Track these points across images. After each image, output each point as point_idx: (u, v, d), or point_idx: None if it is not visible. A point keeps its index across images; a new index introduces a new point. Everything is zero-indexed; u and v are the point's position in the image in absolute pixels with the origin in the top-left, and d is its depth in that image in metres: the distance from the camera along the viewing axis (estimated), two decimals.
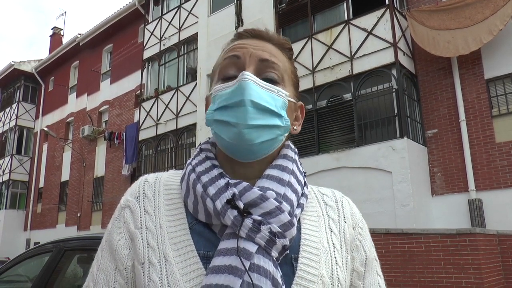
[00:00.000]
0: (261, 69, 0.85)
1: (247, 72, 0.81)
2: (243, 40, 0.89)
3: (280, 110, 0.82)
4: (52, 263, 3.12)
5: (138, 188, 0.88)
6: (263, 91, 0.81)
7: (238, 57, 0.85)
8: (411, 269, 7.00)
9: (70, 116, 23.74)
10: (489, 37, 9.69)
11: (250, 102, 0.78)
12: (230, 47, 0.89)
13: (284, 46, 0.92)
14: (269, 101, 0.81)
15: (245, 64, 0.84)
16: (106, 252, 0.85)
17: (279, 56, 0.88)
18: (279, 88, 0.84)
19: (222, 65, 0.88)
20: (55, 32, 29.33)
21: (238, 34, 0.92)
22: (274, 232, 0.75)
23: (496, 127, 9.87)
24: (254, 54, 0.85)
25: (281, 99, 0.83)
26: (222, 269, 0.72)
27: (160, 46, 16.98)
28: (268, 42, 0.89)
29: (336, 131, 10.85)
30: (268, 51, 0.87)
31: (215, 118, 0.82)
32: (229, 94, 0.81)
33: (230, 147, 0.82)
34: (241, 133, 0.78)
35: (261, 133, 0.80)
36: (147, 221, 0.83)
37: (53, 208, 23.09)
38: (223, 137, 0.81)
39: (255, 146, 0.80)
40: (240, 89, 0.79)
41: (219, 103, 0.82)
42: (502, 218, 9.20)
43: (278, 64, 0.86)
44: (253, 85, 0.80)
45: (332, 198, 0.95)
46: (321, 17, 12.24)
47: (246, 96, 0.78)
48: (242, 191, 0.78)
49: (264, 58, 0.85)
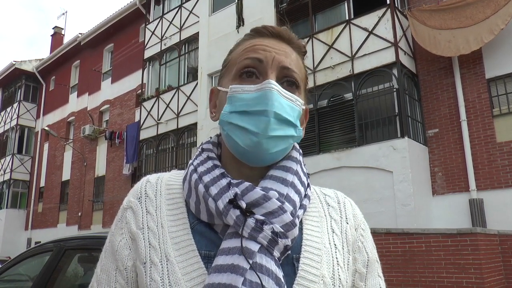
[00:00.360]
0: (282, 75, 0.84)
1: (272, 81, 0.80)
2: (263, 40, 0.87)
3: (296, 121, 0.83)
4: (52, 262, 3.12)
5: (140, 188, 0.88)
6: (284, 102, 0.81)
7: (261, 60, 0.83)
8: (412, 269, 7.00)
9: (71, 116, 23.76)
10: (490, 36, 9.68)
11: (273, 114, 0.78)
12: (251, 46, 0.87)
13: (301, 49, 0.91)
14: (289, 112, 0.81)
15: (267, 69, 0.83)
16: (108, 253, 0.86)
17: (298, 62, 0.88)
18: (297, 98, 0.84)
19: (241, 64, 0.85)
20: (56, 31, 29.35)
21: (257, 31, 0.89)
22: (277, 232, 0.75)
23: (497, 127, 9.86)
24: (277, 60, 0.84)
25: (297, 108, 0.84)
26: (225, 268, 0.72)
27: (161, 46, 16.98)
28: (288, 44, 0.88)
29: (337, 130, 10.85)
30: (290, 57, 0.86)
31: (231, 121, 0.81)
32: (252, 100, 0.80)
33: (244, 153, 0.82)
34: (260, 143, 0.78)
35: (277, 142, 0.81)
36: (148, 221, 0.83)
37: (54, 207, 23.11)
38: (239, 142, 0.80)
39: (270, 154, 0.81)
40: (265, 99, 0.79)
41: (238, 107, 0.81)
42: (503, 218, 9.20)
43: (297, 72, 0.86)
44: (277, 96, 0.79)
45: (334, 199, 0.95)
46: (322, 16, 12.24)
47: (271, 107, 0.78)
48: (245, 191, 0.78)
49: (286, 65, 0.84)
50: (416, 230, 7.39)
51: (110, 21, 20.74)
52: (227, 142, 0.85)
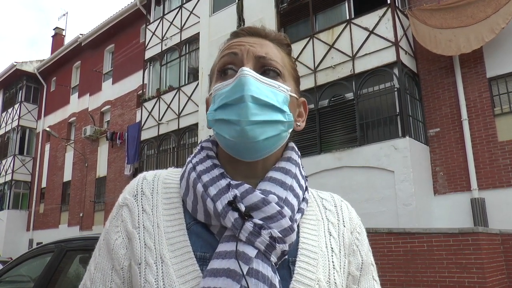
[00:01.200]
0: (260, 65, 0.83)
1: (246, 67, 0.79)
2: (240, 38, 0.88)
3: (282, 105, 0.81)
4: (54, 263, 3.13)
5: (136, 186, 0.87)
6: (263, 86, 0.79)
7: (236, 53, 0.84)
8: (413, 269, 6.99)
9: (72, 116, 23.78)
10: (491, 35, 9.66)
11: (250, 98, 0.76)
12: (227, 45, 0.88)
13: (281, 42, 0.90)
14: (270, 96, 0.79)
15: (243, 60, 0.83)
16: (103, 251, 0.84)
17: (277, 52, 0.87)
18: (279, 83, 0.82)
19: (219, 63, 0.86)
20: (57, 32, 29.39)
21: (235, 32, 0.90)
22: (275, 237, 0.74)
23: (499, 126, 9.84)
24: (252, 51, 0.84)
25: (282, 94, 0.82)
26: (220, 272, 0.71)
27: (162, 46, 16.99)
28: (265, 39, 0.88)
29: (338, 130, 10.84)
30: (266, 48, 0.85)
31: (216, 118, 0.80)
32: (229, 91, 0.79)
33: (233, 146, 0.80)
34: (244, 130, 0.76)
35: (264, 129, 0.78)
36: (144, 221, 0.81)
37: (56, 208, 23.13)
38: (225, 136, 0.79)
39: (259, 143, 0.78)
40: (239, 85, 0.77)
41: (219, 102, 0.80)
42: (504, 217, 9.18)
43: (276, 60, 0.85)
44: (253, 80, 0.78)
45: (331, 202, 0.94)
46: (323, 16, 12.23)
47: (246, 91, 0.76)
48: (244, 193, 0.77)
49: (262, 55, 0.84)
50: (417, 229, 7.38)
51: (110, 21, 20.76)
52: (218, 140, 0.84)
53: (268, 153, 0.83)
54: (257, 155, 0.81)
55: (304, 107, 0.94)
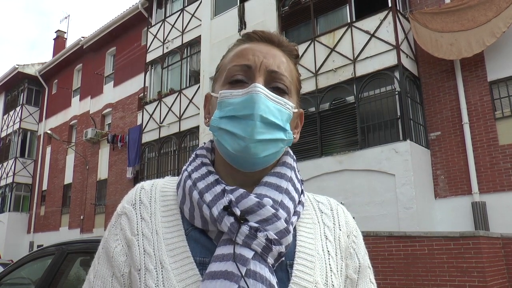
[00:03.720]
0: (270, 79, 0.84)
1: (259, 84, 0.80)
2: (253, 44, 0.88)
3: (285, 124, 0.82)
4: (54, 266, 3.13)
5: (135, 195, 0.88)
6: (272, 105, 0.80)
7: (249, 66, 0.84)
8: (414, 272, 6.98)
9: (74, 119, 23.81)
10: (492, 39, 9.67)
11: (259, 117, 0.78)
12: (240, 51, 0.88)
13: (292, 53, 0.91)
14: (277, 115, 0.81)
15: (255, 73, 0.83)
16: (103, 259, 0.85)
17: (288, 65, 0.88)
18: (286, 101, 0.83)
19: (230, 71, 0.86)
20: (59, 35, 29.47)
21: (248, 35, 0.90)
22: (271, 239, 0.76)
23: (500, 130, 9.83)
24: (265, 64, 0.84)
25: (287, 112, 0.83)
26: (218, 275, 0.72)
27: (163, 49, 17.02)
28: (278, 48, 0.88)
29: (339, 133, 10.84)
30: (279, 61, 0.86)
31: (220, 127, 0.81)
32: (239, 104, 0.80)
33: (234, 158, 0.82)
34: (248, 147, 0.78)
35: (266, 147, 0.80)
36: (143, 228, 0.83)
37: (56, 210, 23.14)
38: (228, 148, 0.80)
39: (260, 159, 0.81)
40: (251, 102, 0.79)
41: (226, 112, 0.81)
42: (506, 221, 9.16)
43: (286, 75, 0.86)
44: (264, 99, 0.79)
45: (327, 206, 0.95)
46: (324, 19, 12.24)
47: (257, 110, 0.78)
48: (239, 197, 0.78)
49: (274, 69, 0.84)
50: (418, 233, 7.37)
51: (112, 24, 20.81)
52: (218, 148, 0.85)
53: (265, 166, 0.84)
54: (255, 168, 0.83)
55: (301, 118, 0.94)
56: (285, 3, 12.98)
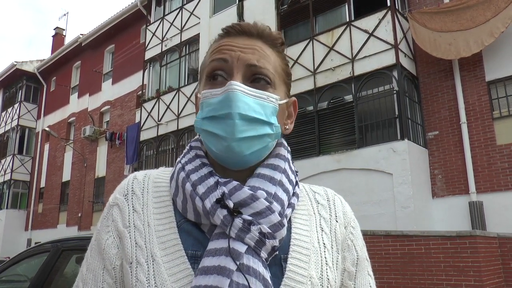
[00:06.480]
0: (250, 74, 0.81)
1: (235, 82, 0.78)
2: (230, 39, 0.84)
3: (269, 118, 0.80)
4: (49, 263, 3.12)
5: (127, 185, 0.86)
6: (251, 100, 0.78)
7: (226, 60, 0.81)
8: (411, 272, 6.99)
9: (72, 116, 23.78)
10: (490, 39, 9.67)
11: (238, 115, 0.76)
12: (218, 46, 0.85)
13: (275, 42, 0.87)
14: (258, 110, 0.78)
15: (232, 69, 0.81)
16: (94, 251, 0.84)
17: (269, 56, 0.84)
18: (269, 94, 0.81)
19: (208, 68, 0.84)
20: (57, 32, 29.39)
21: (226, 30, 0.86)
22: (264, 232, 0.74)
23: (497, 129, 9.84)
24: (243, 58, 0.81)
25: (271, 105, 0.81)
26: (211, 270, 0.71)
27: (162, 47, 17.00)
28: (258, 39, 0.84)
29: (337, 132, 10.84)
30: (258, 53, 0.82)
31: (203, 128, 0.81)
32: (217, 104, 0.78)
33: (221, 158, 0.81)
34: (230, 147, 0.77)
35: (251, 144, 0.78)
36: (135, 220, 0.81)
37: (54, 208, 23.11)
38: (213, 149, 0.80)
39: (246, 157, 0.79)
40: (227, 101, 0.77)
41: (207, 113, 0.80)
42: (502, 220, 9.18)
43: (268, 67, 0.82)
44: (241, 96, 0.77)
45: (324, 196, 0.93)
46: (323, 18, 12.24)
47: (234, 109, 0.76)
48: (232, 190, 0.77)
49: (253, 63, 0.81)
50: (415, 232, 7.38)
51: (111, 22, 20.78)
52: (207, 149, 0.84)
53: (254, 163, 0.83)
54: (243, 166, 0.82)
55: (294, 106, 0.92)
56: (284, 2, 12.97)
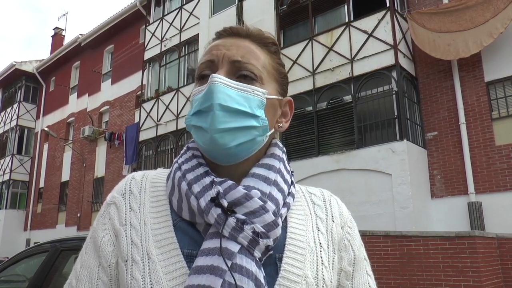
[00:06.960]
0: (235, 69, 0.83)
1: (216, 74, 0.80)
2: (220, 41, 0.87)
3: (254, 110, 0.80)
4: (48, 263, 3.13)
5: (125, 185, 0.87)
6: (234, 92, 0.79)
7: (212, 61, 0.84)
8: (409, 272, 6.99)
9: (71, 117, 23.77)
10: (489, 40, 9.68)
11: (218, 106, 0.77)
12: (208, 49, 0.88)
13: (264, 41, 0.88)
14: (242, 102, 0.79)
15: (218, 66, 0.83)
16: (90, 248, 0.84)
17: (256, 52, 0.85)
18: (254, 87, 0.82)
19: (198, 69, 0.87)
20: (57, 32, 29.40)
21: (218, 33, 0.90)
22: (258, 232, 0.74)
23: (496, 130, 9.85)
24: (227, 55, 0.83)
25: (256, 98, 0.81)
26: (204, 269, 0.71)
27: (161, 47, 17.00)
28: (246, 39, 0.87)
29: (336, 133, 10.85)
30: (243, 50, 0.84)
31: (191, 123, 0.82)
32: (201, 98, 0.80)
33: (207, 152, 0.82)
34: (213, 138, 0.77)
35: (235, 135, 0.78)
36: (131, 218, 0.82)
37: (53, 208, 23.10)
38: (199, 143, 0.81)
39: (231, 149, 0.79)
40: (209, 93, 0.78)
41: (194, 108, 0.81)
42: (501, 221, 9.18)
43: (253, 63, 0.84)
44: (222, 87, 0.78)
45: (320, 197, 0.94)
46: (322, 19, 12.25)
47: (215, 100, 0.77)
48: (227, 189, 0.77)
49: (237, 59, 0.83)
50: (414, 232, 7.38)
51: (110, 22, 20.78)
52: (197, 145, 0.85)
53: (244, 157, 0.83)
54: (232, 160, 0.82)
55: (290, 106, 0.93)
56: (283, 2, 12.97)
